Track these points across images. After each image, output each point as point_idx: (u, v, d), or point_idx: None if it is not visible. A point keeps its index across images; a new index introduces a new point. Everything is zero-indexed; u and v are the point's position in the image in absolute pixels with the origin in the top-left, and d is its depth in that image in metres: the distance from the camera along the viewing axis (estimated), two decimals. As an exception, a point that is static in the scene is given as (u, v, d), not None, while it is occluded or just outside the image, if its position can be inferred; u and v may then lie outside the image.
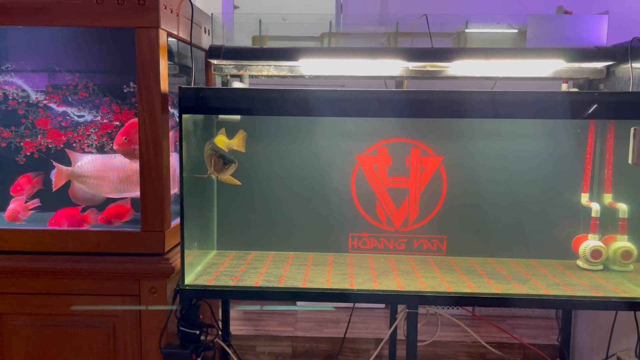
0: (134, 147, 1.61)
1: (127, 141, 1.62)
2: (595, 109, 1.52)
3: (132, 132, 1.62)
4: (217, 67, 1.89)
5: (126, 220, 1.70)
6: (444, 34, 1.96)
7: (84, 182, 1.77)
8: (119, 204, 1.73)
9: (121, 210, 1.71)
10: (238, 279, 1.66)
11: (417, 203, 1.96)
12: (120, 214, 1.70)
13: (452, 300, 1.58)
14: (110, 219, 1.68)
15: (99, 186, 1.76)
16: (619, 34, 1.81)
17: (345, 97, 1.59)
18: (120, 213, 1.70)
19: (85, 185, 1.77)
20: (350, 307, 2.35)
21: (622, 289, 1.61)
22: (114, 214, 1.69)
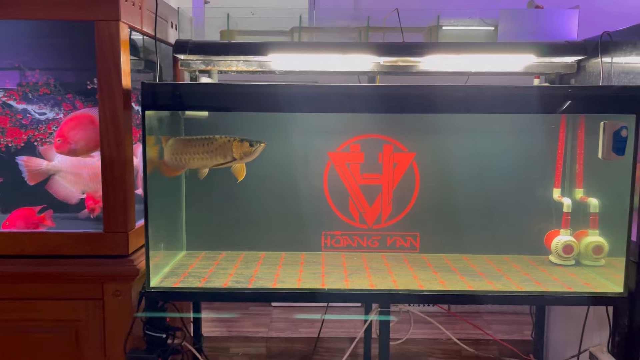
0: (70, 147, 1.56)
1: (61, 142, 1.58)
2: (565, 103, 1.51)
3: (65, 131, 1.57)
4: (184, 62, 1.84)
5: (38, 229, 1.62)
6: (415, 28, 1.93)
7: (64, 178, 1.71)
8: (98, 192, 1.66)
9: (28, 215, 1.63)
10: (206, 280, 1.61)
11: (390, 200, 1.94)
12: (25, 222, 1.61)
13: (424, 298, 1.56)
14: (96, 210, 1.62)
15: (75, 182, 1.72)
16: (590, 29, 1.80)
17: (315, 92, 1.56)
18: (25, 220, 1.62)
19: (65, 181, 1.71)
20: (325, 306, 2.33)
21: (594, 283, 1.61)
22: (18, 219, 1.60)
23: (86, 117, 1.61)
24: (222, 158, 1.64)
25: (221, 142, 1.63)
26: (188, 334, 1.78)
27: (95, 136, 1.53)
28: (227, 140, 1.64)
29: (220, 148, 1.64)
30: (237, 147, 1.63)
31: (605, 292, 1.55)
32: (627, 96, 1.48)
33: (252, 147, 1.63)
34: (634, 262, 1.53)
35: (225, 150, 1.64)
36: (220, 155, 1.64)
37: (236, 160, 1.64)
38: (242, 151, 1.63)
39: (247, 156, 1.64)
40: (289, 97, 1.50)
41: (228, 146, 1.63)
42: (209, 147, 1.64)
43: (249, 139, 1.65)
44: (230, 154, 1.63)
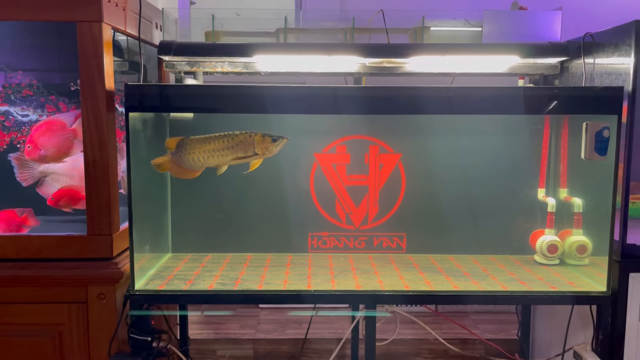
0: (40, 153, 1.55)
1: (32, 148, 1.57)
2: (547, 104, 1.52)
3: (35, 138, 1.57)
4: (168, 63, 1.83)
5: (79, 208, 1.60)
6: (401, 29, 1.94)
7: (57, 180, 1.69)
8: (73, 187, 1.63)
9: (75, 195, 1.60)
10: (192, 282, 1.60)
11: (376, 201, 1.94)
12: (72, 199, 1.59)
13: (410, 298, 1.56)
14: (59, 202, 1.58)
15: (68, 184, 1.70)
16: (573, 30, 1.82)
17: (300, 93, 1.56)
18: (72, 197, 1.59)
19: (57, 184, 1.69)
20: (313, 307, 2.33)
21: (578, 283, 1.62)
22: (66, 196, 1.58)
23: (56, 123, 1.60)
24: (243, 153, 1.62)
25: (242, 138, 1.61)
26: (174, 337, 1.77)
27: (66, 142, 1.52)
28: (248, 135, 1.62)
29: (241, 144, 1.62)
30: (259, 142, 1.61)
31: (588, 291, 1.56)
32: (609, 97, 1.49)
33: (275, 142, 1.62)
34: (616, 261, 1.55)
35: (247, 146, 1.62)
36: (242, 150, 1.62)
37: (258, 156, 1.63)
38: (264, 146, 1.61)
39: (269, 151, 1.63)
40: (273, 98, 1.50)
41: (249, 141, 1.61)
42: (229, 142, 1.62)
43: (271, 134, 1.63)
44: (251, 149, 1.61)
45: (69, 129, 1.52)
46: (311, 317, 2.12)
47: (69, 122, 1.51)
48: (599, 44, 1.65)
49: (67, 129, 1.50)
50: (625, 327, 1.54)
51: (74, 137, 1.59)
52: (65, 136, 1.51)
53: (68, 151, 1.51)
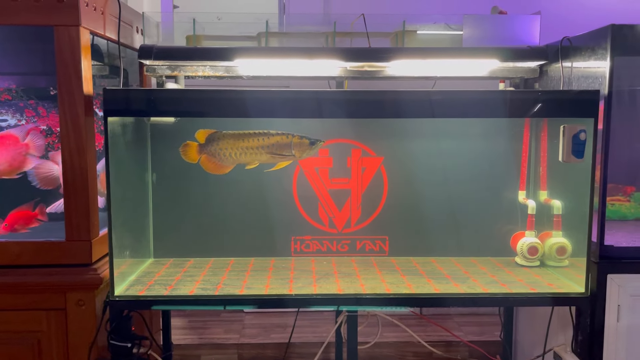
0: None
1: None
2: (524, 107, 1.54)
3: None
4: (149, 67, 1.82)
5: (34, 226, 1.59)
6: (382, 33, 1.95)
7: None
8: (23, 208, 1.62)
9: (26, 216, 1.60)
10: (172, 287, 1.59)
11: (359, 204, 1.94)
12: (25, 220, 1.58)
13: (391, 301, 1.56)
14: (13, 226, 1.57)
15: None
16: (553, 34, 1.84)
17: (281, 97, 1.56)
18: (25, 218, 1.59)
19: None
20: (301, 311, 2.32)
21: (557, 284, 1.64)
22: (18, 219, 1.58)
23: (9, 138, 1.59)
24: (279, 154, 1.63)
25: (279, 138, 1.62)
26: (155, 343, 1.76)
27: (18, 157, 1.51)
28: (285, 136, 1.62)
29: (278, 144, 1.63)
30: (297, 144, 1.62)
31: (567, 293, 1.58)
32: (585, 100, 1.51)
33: (312, 145, 1.63)
34: (594, 262, 1.56)
35: (284, 147, 1.63)
36: (277, 150, 1.63)
37: (293, 157, 1.63)
38: (301, 149, 1.63)
39: (305, 154, 1.64)
40: (253, 102, 1.49)
41: (287, 142, 1.62)
42: (265, 141, 1.63)
43: (308, 136, 1.64)
44: (288, 150, 1.62)
45: (22, 144, 1.51)
46: (295, 321, 2.11)
47: (21, 137, 1.50)
48: (576, 48, 1.68)
49: (19, 143, 1.49)
50: (604, 327, 1.56)
51: (27, 152, 1.58)
52: (18, 151, 1.50)
53: (21, 166, 1.51)
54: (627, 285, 1.55)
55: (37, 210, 1.61)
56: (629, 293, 1.55)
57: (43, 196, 1.68)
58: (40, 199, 1.62)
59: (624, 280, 1.55)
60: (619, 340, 1.56)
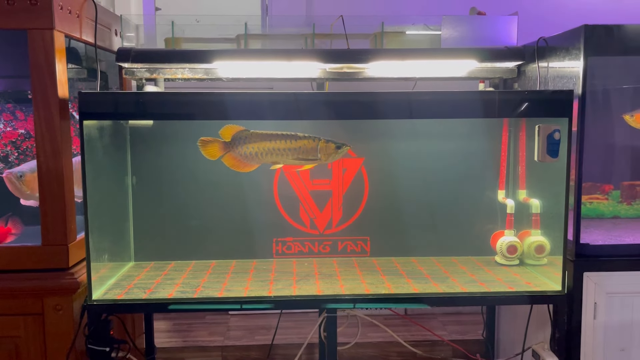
0: None
1: None
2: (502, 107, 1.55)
3: None
4: (128, 70, 1.81)
5: (9, 240, 1.58)
6: (361, 35, 1.96)
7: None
8: None
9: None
10: (152, 291, 1.59)
11: (340, 205, 1.95)
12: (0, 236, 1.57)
13: (369, 302, 1.57)
14: None
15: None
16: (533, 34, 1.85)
17: (258, 100, 1.56)
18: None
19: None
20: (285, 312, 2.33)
21: (535, 283, 1.65)
22: None
23: None
24: (304, 156, 1.63)
25: (306, 141, 1.62)
26: (134, 346, 1.75)
27: None
28: (312, 139, 1.63)
29: (304, 146, 1.63)
30: (323, 148, 1.63)
31: (544, 291, 1.59)
32: (560, 100, 1.53)
33: (339, 149, 1.64)
34: (571, 260, 1.58)
35: (310, 150, 1.63)
36: (303, 153, 1.63)
37: (319, 161, 1.64)
38: (327, 153, 1.63)
39: (331, 158, 1.64)
40: (229, 104, 1.49)
41: (313, 146, 1.63)
42: (291, 144, 1.63)
43: (334, 140, 1.65)
44: (315, 154, 1.63)
45: None
46: (277, 323, 2.11)
47: None
48: (552, 48, 1.69)
49: None
50: (580, 325, 1.57)
51: None
52: None
53: None
54: (603, 283, 1.57)
55: (10, 225, 1.59)
56: (605, 291, 1.57)
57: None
58: (12, 213, 1.60)
59: (600, 278, 1.56)
60: (596, 337, 1.58)
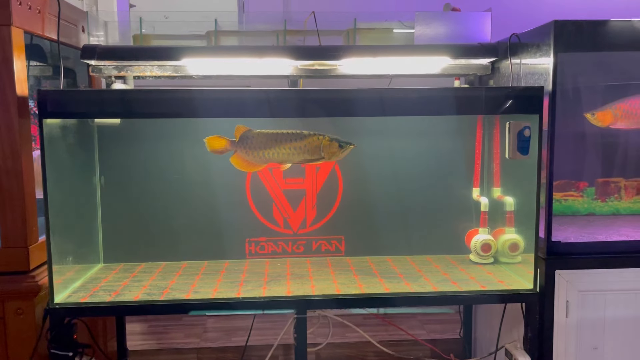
0: None
1: None
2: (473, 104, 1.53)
3: None
4: (95, 68, 1.77)
5: None
6: (334, 31, 1.93)
7: None
8: None
9: None
10: (118, 293, 1.55)
11: (314, 204, 1.92)
12: None
13: (339, 302, 1.54)
14: None
15: None
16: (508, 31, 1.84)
17: (225, 97, 1.53)
18: None
19: None
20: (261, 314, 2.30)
21: (508, 281, 1.64)
22: None
23: None
24: (309, 155, 1.60)
25: (310, 140, 1.59)
26: (99, 350, 1.71)
27: None
28: (316, 138, 1.59)
29: (309, 145, 1.59)
30: (327, 146, 1.59)
31: (516, 289, 1.57)
32: (530, 97, 1.51)
33: (342, 148, 1.60)
34: (543, 258, 1.56)
35: (314, 148, 1.60)
36: (308, 152, 1.60)
37: (323, 159, 1.60)
38: (331, 151, 1.60)
39: (335, 156, 1.61)
40: (191, 102, 1.46)
41: (317, 144, 1.59)
42: (297, 143, 1.59)
43: (339, 139, 1.61)
44: (318, 152, 1.59)
45: None
46: (252, 324, 2.08)
47: None
48: (524, 45, 1.67)
49: None
50: (553, 323, 1.56)
51: None
52: None
53: None
54: (575, 281, 1.55)
55: None
56: (577, 289, 1.56)
57: None
58: None
59: (572, 275, 1.55)
60: (568, 335, 1.57)
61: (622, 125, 1.75)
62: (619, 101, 1.75)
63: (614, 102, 1.76)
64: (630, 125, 1.75)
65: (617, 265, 1.56)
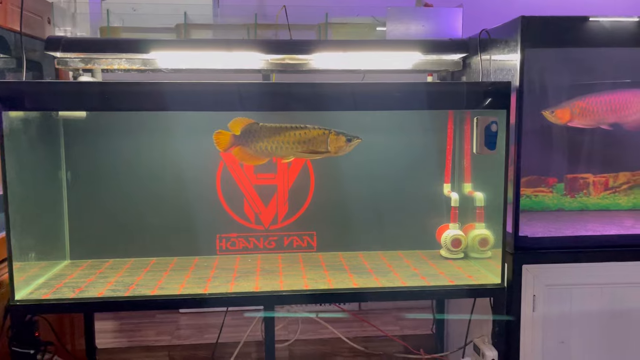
0: None
1: None
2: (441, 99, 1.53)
3: None
4: (61, 60, 1.74)
5: None
6: (306, 25, 1.92)
7: None
8: None
9: None
10: (82, 290, 1.52)
11: (286, 200, 1.91)
12: None
13: (307, 298, 1.53)
14: None
15: None
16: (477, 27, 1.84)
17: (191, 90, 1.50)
18: None
19: None
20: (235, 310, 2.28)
21: (476, 276, 1.64)
22: None
23: None
24: (314, 149, 1.58)
25: (316, 134, 1.57)
26: (62, 348, 1.68)
27: None
28: (322, 132, 1.58)
29: (314, 139, 1.58)
30: (333, 140, 1.58)
31: (484, 284, 1.58)
32: (497, 92, 1.51)
33: (349, 142, 1.59)
34: (510, 253, 1.57)
35: (320, 142, 1.58)
36: (313, 146, 1.58)
37: (329, 153, 1.59)
38: (337, 145, 1.58)
39: (341, 150, 1.59)
40: (151, 95, 1.43)
41: (323, 138, 1.58)
42: (302, 137, 1.57)
43: (346, 133, 1.60)
44: (324, 147, 1.58)
45: None
46: (223, 321, 2.06)
47: None
48: (493, 40, 1.68)
49: None
50: (520, 317, 1.57)
51: None
52: None
53: None
54: (542, 275, 1.56)
55: None
56: (544, 283, 1.57)
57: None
58: None
59: (539, 270, 1.56)
60: (535, 330, 1.58)
61: (580, 124, 1.76)
62: (577, 99, 1.76)
63: (572, 100, 1.77)
64: (588, 124, 1.76)
65: (584, 259, 1.58)
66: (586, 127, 1.76)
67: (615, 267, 1.58)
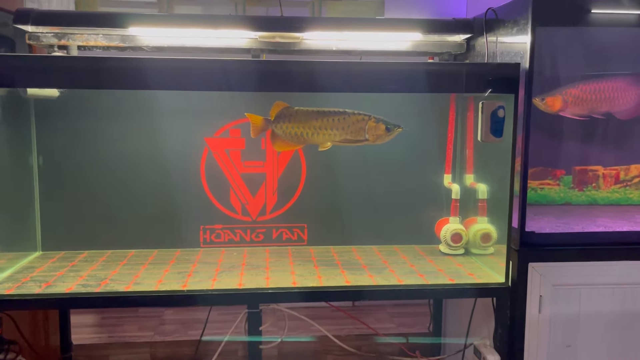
0: None
1: None
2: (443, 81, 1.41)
3: None
4: (32, 35, 1.60)
5: None
6: (299, 2, 1.79)
7: None
8: None
9: None
10: (49, 285, 1.40)
11: (275, 190, 1.79)
12: None
13: (294, 296, 1.41)
14: None
15: None
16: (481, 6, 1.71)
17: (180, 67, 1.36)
18: None
19: None
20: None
21: (478, 274, 1.53)
22: None
23: None
24: (352, 137, 1.47)
25: (354, 120, 1.45)
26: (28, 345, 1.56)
27: None
28: (361, 118, 1.46)
29: (353, 126, 1.46)
30: (372, 128, 1.46)
31: (487, 283, 1.46)
32: (505, 74, 1.39)
33: (389, 131, 1.47)
34: (515, 250, 1.45)
35: (358, 129, 1.46)
36: (352, 133, 1.46)
37: (367, 142, 1.47)
38: (376, 133, 1.47)
39: (380, 139, 1.47)
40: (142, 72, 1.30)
41: (361, 125, 1.46)
42: (340, 123, 1.46)
43: (386, 120, 1.47)
44: (362, 134, 1.46)
45: None
46: (207, 317, 1.94)
47: None
48: (500, 21, 1.55)
49: None
50: (525, 319, 1.46)
51: None
52: None
53: None
54: (549, 274, 1.45)
55: None
56: (551, 282, 1.45)
57: None
58: None
59: (546, 269, 1.45)
60: (541, 333, 1.47)
61: (572, 113, 1.64)
62: (569, 86, 1.64)
63: (565, 87, 1.65)
64: (581, 113, 1.64)
65: (594, 258, 1.46)
66: (576, 118, 1.63)
67: (628, 266, 1.46)
